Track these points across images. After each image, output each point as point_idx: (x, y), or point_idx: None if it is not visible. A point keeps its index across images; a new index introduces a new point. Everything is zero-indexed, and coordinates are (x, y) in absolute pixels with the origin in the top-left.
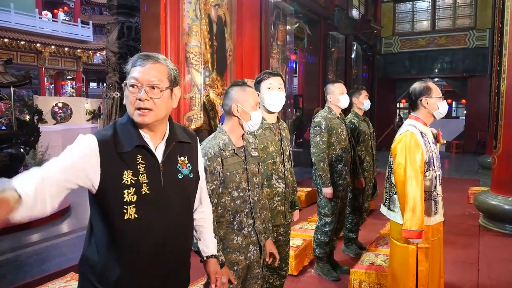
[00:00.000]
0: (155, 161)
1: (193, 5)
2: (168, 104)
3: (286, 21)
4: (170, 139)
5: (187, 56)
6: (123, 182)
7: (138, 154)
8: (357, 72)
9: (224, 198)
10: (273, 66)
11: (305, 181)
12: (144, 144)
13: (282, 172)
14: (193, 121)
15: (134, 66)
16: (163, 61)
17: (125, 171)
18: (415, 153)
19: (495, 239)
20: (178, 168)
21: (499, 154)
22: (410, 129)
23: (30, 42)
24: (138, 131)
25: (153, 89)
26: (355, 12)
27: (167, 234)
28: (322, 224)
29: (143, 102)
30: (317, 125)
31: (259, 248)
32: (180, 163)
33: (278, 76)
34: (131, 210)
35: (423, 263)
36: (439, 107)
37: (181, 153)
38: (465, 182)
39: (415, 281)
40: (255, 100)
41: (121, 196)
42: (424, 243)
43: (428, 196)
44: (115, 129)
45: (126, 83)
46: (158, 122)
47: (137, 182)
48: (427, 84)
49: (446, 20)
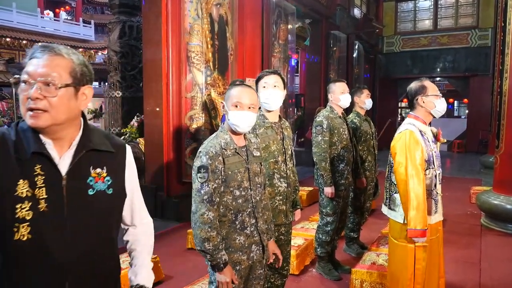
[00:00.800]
0: (57, 172)
1: (195, 4)
2: (70, 105)
3: (287, 20)
4: (81, 146)
5: (188, 55)
6: (16, 194)
7: (37, 163)
8: (358, 71)
9: (226, 197)
10: (275, 65)
11: (306, 180)
12: (43, 151)
13: (284, 171)
14: (195, 120)
15: (30, 58)
16: (65, 54)
17: (21, 180)
18: (415, 151)
19: (497, 239)
20: (89, 182)
21: (501, 154)
22: (409, 128)
23: (32, 41)
24: (38, 136)
25: (47, 86)
26: (357, 11)
27: (72, 261)
28: (324, 224)
29: (35, 102)
30: (318, 125)
31: (262, 248)
32: (93, 176)
33: (274, 74)
34: (24, 229)
35: (420, 261)
36: (436, 105)
37: (96, 164)
38: (467, 181)
39: (412, 279)
40: (240, 99)
41: (13, 211)
42: (423, 242)
43: (428, 194)
44: (16, 131)
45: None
46: (59, 127)
47: (33, 196)
48: (422, 83)
49: (448, 19)
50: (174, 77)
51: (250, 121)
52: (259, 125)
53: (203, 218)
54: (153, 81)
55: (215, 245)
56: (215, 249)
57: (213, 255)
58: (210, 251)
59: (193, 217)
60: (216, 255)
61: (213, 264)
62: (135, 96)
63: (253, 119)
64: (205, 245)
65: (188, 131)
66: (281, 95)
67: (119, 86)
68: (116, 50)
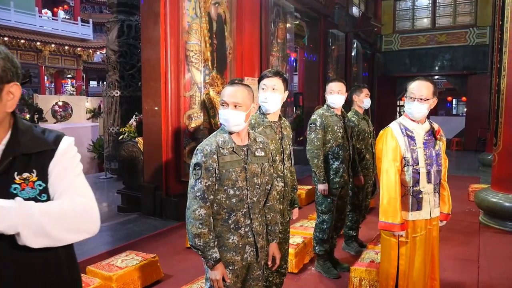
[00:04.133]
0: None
1: (193, 3)
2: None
3: (286, 19)
4: (7, 152)
5: (187, 54)
6: None
7: None
8: (357, 70)
9: (219, 195)
10: (273, 64)
11: (305, 179)
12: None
13: (281, 171)
14: (193, 120)
15: None
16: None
17: None
18: (389, 147)
19: (496, 236)
20: (13, 191)
21: (499, 152)
22: (390, 125)
23: (30, 41)
24: None
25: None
26: (355, 10)
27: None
28: (320, 222)
29: None
30: (312, 123)
31: (256, 250)
32: (18, 183)
33: (275, 76)
34: None
35: (403, 257)
36: (405, 106)
37: (24, 168)
38: (465, 179)
39: (396, 273)
40: (226, 97)
41: None
42: (402, 237)
43: (406, 191)
44: None
45: None
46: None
47: None
48: (411, 82)
49: (446, 18)
50: (173, 76)
51: (234, 120)
52: (258, 124)
53: (195, 214)
54: (152, 80)
55: (206, 242)
56: (206, 246)
57: (204, 251)
58: (201, 247)
59: (187, 213)
60: (207, 252)
61: (205, 261)
62: (134, 95)
63: (239, 118)
64: (195, 241)
65: (186, 130)
66: (279, 98)
67: (118, 85)
68: (115, 49)
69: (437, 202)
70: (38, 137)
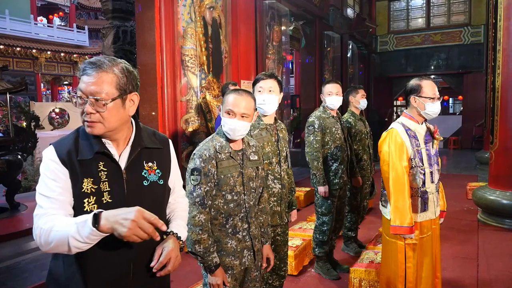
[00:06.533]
0: (118, 168)
1: (188, 8)
2: (119, 114)
3: (281, 22)
4: (136, 145)
5: (182, 59)
6: (83, 191)
7: (100, 161)
8: (353, 71)
9: (217, 201)
10: (269, 67)
11: (303, 181)
12: (105, 150)
13: (278, 173)
14: (190, 124)
15: (82, 75)
16: (108, 68)
17: (85, 179)
18: (397, 149)
19: (494, 234)
20: (144, 174)
21: (496, 149)
22: (394, 126)
23: (25, 48)
24: (99, 138)
25: (97, 102)
26: (350, 11)
27: (133, 245)
28: (320, 223)
29: (89, 116)
30: (310, 125)
31: (253, 253)
32: (146, 169)
33: (270, 78)
34: None
35: (411, 259)
36: (427, 107)
37: (148, 159)
38: (463, 177)
39: (404, 276)
40: (233, 106)
41: (81, 206)
42: (412, 239)
43: (414, 192)
44: (77, 135)
45: None
46: (113, 132)
47: (98, 190)
48: (420, 82)
49: (440, 17)
50: (169, 81)
51: (241, 130)
52: (254, 126)
53: (194, 220)
54: (148, 86)
55: (205, 248)
56: (206, 252)
57: (204, 257)
58: (201, 253)
59: None
60: (207, 258)
61: (204, 266)
62: None
63: (245, 128)
64: (195, 247)
65: (184, 135)
66: (276, 99)
67: None
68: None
69: (438, 200)
70: (154, 135)
